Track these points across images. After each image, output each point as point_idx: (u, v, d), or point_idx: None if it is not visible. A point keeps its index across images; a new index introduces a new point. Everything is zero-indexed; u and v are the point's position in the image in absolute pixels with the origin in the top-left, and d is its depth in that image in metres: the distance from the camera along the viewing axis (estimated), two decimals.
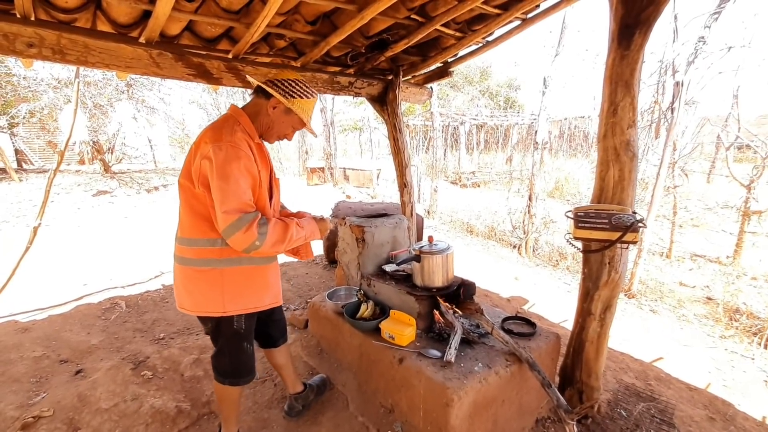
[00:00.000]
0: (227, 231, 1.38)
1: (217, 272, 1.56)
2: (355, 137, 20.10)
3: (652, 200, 4.32)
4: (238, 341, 1.68)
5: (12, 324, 3.18)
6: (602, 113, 1.90)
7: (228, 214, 1.37)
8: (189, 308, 1.61)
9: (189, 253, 1.57)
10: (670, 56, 4.08)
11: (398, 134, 3.32)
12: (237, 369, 1.73)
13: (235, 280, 1.59)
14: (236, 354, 1.70)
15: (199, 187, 1.48)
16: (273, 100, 1.57)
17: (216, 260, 1.55)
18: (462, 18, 2.55)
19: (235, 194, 1.38)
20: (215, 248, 1.54)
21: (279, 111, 1.59)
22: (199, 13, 2.00)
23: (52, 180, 3.32)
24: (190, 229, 1.56)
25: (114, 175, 10.15)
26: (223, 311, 1.58)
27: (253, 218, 1.39)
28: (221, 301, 1.57)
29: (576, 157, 13.87)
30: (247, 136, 1.51)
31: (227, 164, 1.39)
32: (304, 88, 1.61)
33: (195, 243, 1.55)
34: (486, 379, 1.80)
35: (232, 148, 1.41)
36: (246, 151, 1.45)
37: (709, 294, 4.51)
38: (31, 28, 1.76)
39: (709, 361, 3.17)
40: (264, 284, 1.69)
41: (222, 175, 1.38)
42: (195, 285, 1.58)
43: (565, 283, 4.93)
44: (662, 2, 1.70)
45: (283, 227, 1.49)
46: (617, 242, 1.78)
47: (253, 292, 1.65)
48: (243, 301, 1.62)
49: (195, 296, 1.59)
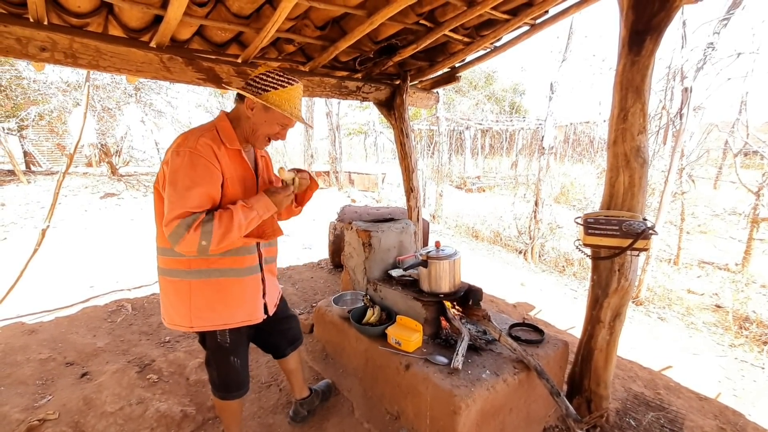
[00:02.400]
0: (171, 240, 1.30)
1: (185, 284, 1.47)
2: (360, 141, 20.17)
3: (660, 206, 4.29)
4: (223, 355, 1.62)
5: (19, 326, 3.19)
6: (612, 119, 1.88)
7: (169, 224, 1.29)
8: (165, 319, 1.56)
9: (162, 263, 1.52)
10: (679, 62, 4.06)
11: (405, 139, 3.32)
12: (225, 383, 1.67)
13: (203, 294, 1.48)
14: (223, 368, 1.64)
15: (164, 192, 1.40)
16: (248, 102, 1.45)
17: (184, 271, 1.47)
18: (470, 23, 2.55)
19: (179, 202, 1.29)
20: (183, 258, 1.45)
21: (257, 111, 1.46)
22: (209, 18, 2.01)
23: (61, 182, 3.35)
24: (161, 238, 1.49)
25: (121, 178, 10.22)
26: (190, 326, 1.50)
27: (193, 220, 1.28)
28: (188, 316, 1.49)
29: (582, 163, 13.82)
30: (216, 143, 1.40)
31: (179, 170, 1.32)
32: (277, 78, 1.44)
33: (166, 252, 1.49)
34: (494, 387, 1.78)
35: (189, 154, 1.33)
36: (207, 157, 1.35)
37: (717, 302, 4.46)
38: (44, 33, 1.78)
39: (719, 370, 3.12)
40: (236, 299, 1.55)
41: (171, 181, 1.32)
42: (166, 296, 1.53)
43: (572, 290, 4.89)
44: (673, 8, 1.69)
45: (227, 216, 1.34)
46: (628, 249, 1.76)
47: (224, 307, 1.52)
48: (211, 316, 1.50)
49: (166, 307, 1.54)
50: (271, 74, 1.45)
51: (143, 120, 9.70)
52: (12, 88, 9.15)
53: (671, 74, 4.33)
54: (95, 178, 9.95)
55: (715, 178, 11.06)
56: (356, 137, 20.78)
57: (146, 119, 9.93)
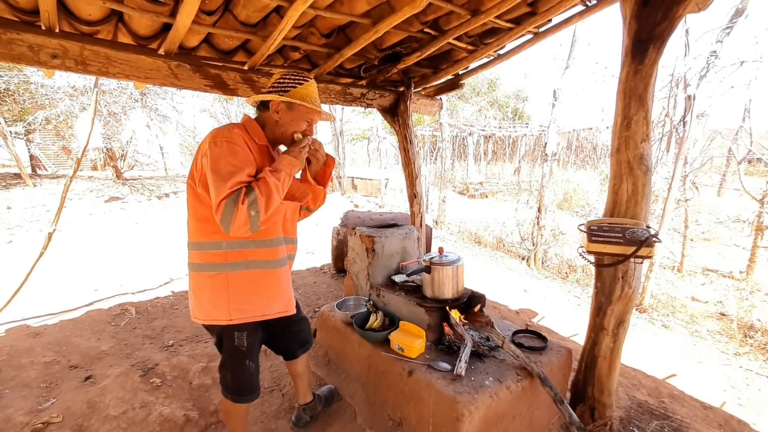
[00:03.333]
0: (224, 222, 1.33)
1: (223, 277, 1.51)
2: (363, 146, 20.22)
3: (664, 213, 4.28)
4: (240, 358, 1.64)
5: (24, 328, 3.21)
6: (615, 127, 1.89)
7: (218, 208, 1.32)
8: (198, 316, 1.58)
9: (197, 258, 1.55)
10: (682, 70, 4.07)
11: (409, 145, 3.34)
12: (238, 386, 1.69)
13: (241, 286, 1.53)
14: (238, 370, 1.66)
15: (199, 187, 1.47)
16: (273, 104, 1.54)
17: (222, 264, 1.51)
18: (474, 32, 2.57)
19: (224, 185, 1.34)
20: (220, 251, 1.51)
21: (283, 111, 1.55)
22: (217, 26, 2.05)
23: (68, 187, 3.38)
24: (195, 232, 1.55)
25: (126, 182, 10.29)
26: (229, 319, 1.53)
27: (237, 195, 1.33)
28: (227, 309, 1.52)
29: (585, 169, 13.81)
30: (248, 136, 1.50)
31: (220, 157, 1.38)
32: (294, 76, 1.55)
33: (201, 247, 1.54)
34: (497, 394, 1.78)
35: (227, 143, 1.40)
36: (242, 146, 1.43)
37: (722, 310, 4.43)
38: (56, 40, 1.81)
39: (724, 378, 3.10)
40: (273, 290, 1.62)
41: (214, 168, 1.37)
42: (202, 291, 1.55)
43: (575, 296, 4.87)
44: (676, 18, 1.70)
45: (263, 183, 1.39)
46: (631, 257, 1.76)
47: (262, 299, 1.58)
48: (250, 308, 1.56)
49: (203, 303, 1.56)
50: (288, 75, 1.56)
51: (149, 125, 9.78)
52: (20, 92, 9.26)
53: (674, 82, 4.34)
54: (100, 182, 10.02)
55: (718, 186, 11.02)
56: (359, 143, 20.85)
57: (151, 124, 10.01)
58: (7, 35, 1.70)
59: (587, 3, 2.31)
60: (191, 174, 1.51)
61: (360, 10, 2.05)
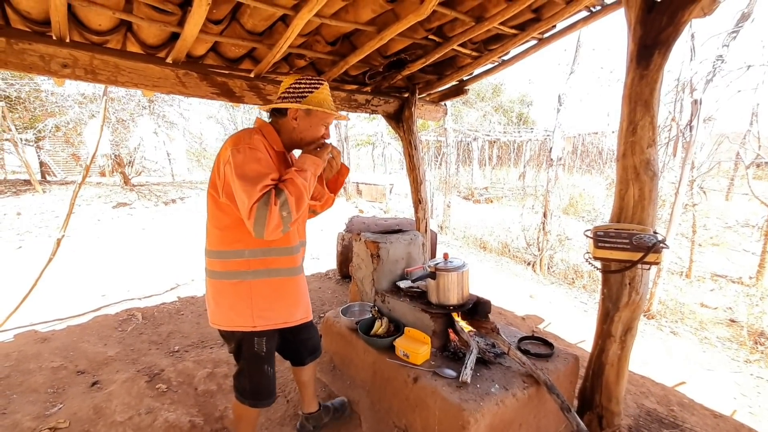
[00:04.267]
0: (257, 226, 1.33)
1: (246, 285, 1.54)
2: (368, 152, 20.29)
3: (671, 218, 4.24)
4: (259, 364, 1.65)
5: (32, 334, 3.24)
6: (621, 132, 1.89)
7: (250, 213, 1.33)
8: (220, 323, 1.59)
9: (218, 266, 1.56)
10: (688, 74, 4.06)
11: (413, 151, 3.35)
12: (257, 391, 1.70)
13: (263, 294, 1.56)
14: (257, 376, 1.67)
15: (223, 197, 1.47)
16: (290, 112, 1.55)
17: (244, 272, 1.54)
18: (479, 38, 2.59)
19: (253, 189, 1.34)
20: (242, 260, 1.53)
21: (301, 117, 1.56)
22: (224, 35, 2.08)
23: (77, 193, 3.42)
24: (216, 242, 1.56)
25: (133, 188, 10.40)
26: (252, 326, 1.55)
27: (267, 197, 1.34)
28: (250, 315, 1.55)
29: (590, 173, 13.74)
30: (267, 142, 1.52)
31: (245, 164, 1.39)
32: (309, 82, 1.56)
33: (222, 255, 1.55)
34: (503, 402, 1.76)
35: (249, 150, 1.41)
36: (264, 152, 1.45)
37: (732, 316, 4.37)
38: (66, 50, 1.84)
39: (734, 386, 3.05)
40: (294, 297, 1.66)
41: (240, 175, 1.37)
42: (224, 298, 1.57)
43: (582, 302, 4.83)
44: (681, 23, 1.70)
45: (290, 183, 1.40)
46: (638, 263, 1.74)
47: (284, 306, 1.62)
48: (273, 315, 1.59)
49: (224, 310, 1.57)
50: (303, 81, 1.55)
51: (156, 131, 9.90)
52: (30, 100, 9.41)
53: (680, 86, 4.32)
54: (108, 188, 10.14)
55: (727, 190, 10.90)
56: (364, 148, 20.93)
57: (159, 131, 10.13)
58: (19, 45, 1.74)
59: (591, 9, 2.32)
60: (213, 183, 1.51)
61: (365, 18, 2.07)
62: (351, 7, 2.01)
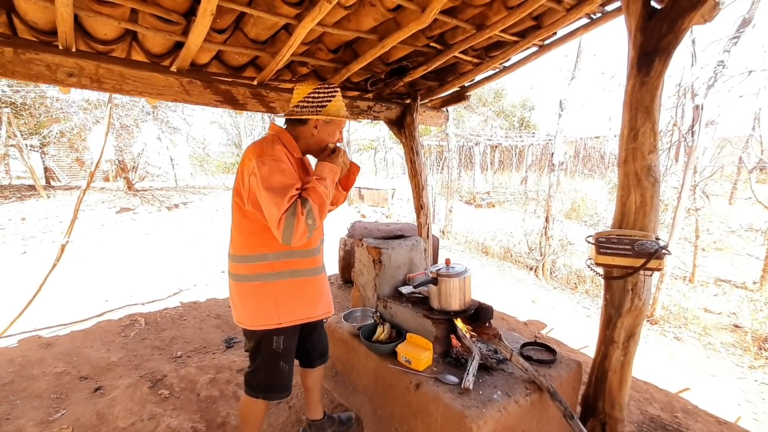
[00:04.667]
0: (286, 235, 1.42)
1: (270, 286, 1.63)
2: (370, 156, 20.34)
3: (674, 223, 4.23)
4: (275, 360, 1.71)
5: (36, 339, 3.26)
6: (622, 138, 1.89)
7: (279, 223, 1.41)
8: (246, 322, 1.67)
9: (243, 270, 1.64)
10: (689, 80, 4.06)
11: (415, 156, 3.36)
12: (272, 384, 1.75)
13: (288, 293, 1.65)
14: (272, 372, 1.73)
15: (248, 205, 1.55)
16: (311, 122, 1.64)
17: (268, 274, 1.62)
18: (480, 45, 2.61)
19: (281, 200, 1.42)
20: (267, 263, 1.61)
21: (322, 127, 1.66)
22: (228, 44, 2.10)
23: (82, 199, 3.45)
24: (242, 247, 1.64)
25: (136, 193, 10.45)
26: (278, 323, 1.64)
27: (294, 207, 1.43)
28: (276, 313, 1.63)
29: (592, 178, 13.73)
30: (287, 151, 1.59)
31: (271, 176, 1.46)
32: (326, 91, 1.63)
33: (247, 259, 1.63)
34: (505, 408, 1.76)
35: (274, 161, 1.49)
36: (287, 162, 1.53)
37: (735, 321, 4.34)
38: (72, 59, 1.87)
39: (739, 392, 3.03)
40: (317, 294, 1.76)
41: (268, 187, 1.44)
42: (250, 299, 1.64)
43: (585, 308, 4.81)
44: (681, 31, 1.71)
45: (313, 192, 1.51)
46: (640, 269, 1.74)
47: (307, 303, 1.72)
48: (297, 312, 1.68)
49: (250, 310, 1.65)
50: (320, 91, 1.63)
51: (159, 137, 9.96)
52: (35, 106, 9.50)
53: (682, 91, 4.33)
54: (112, 193, 10.19)
55: (730, 194, 10.87)
56: (366, 153, 20.98)
57: (162, 136, 10.19)
58: (26, 55, 1.77)
59: (592, 16, 2.33)
60: (237, 192, 1.59)
61: (367, 26, 2.10)
62: (353, 15, 2.04)
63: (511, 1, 2.04)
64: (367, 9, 1.96)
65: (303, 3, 1.80)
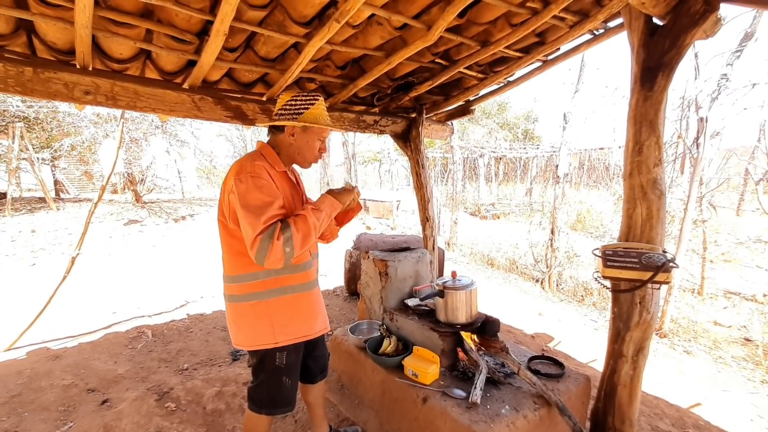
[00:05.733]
0: (259, 257, 1.39)
1: (264, 304, 1.59)
2: (375, 168, 20.44)
3: (681, 235, 4.21)
4: (278, 376, 1.69)
5: (44, 351, 3.28)
6: (627, 152, 1.91)
7: (254, 244, 1.39)
8: (243, 344, 1.64)
9: (235, 290, 1.61)
10: (693, 93, 4.09)
11: (421, 169, 3.39)
12: (274, 400, 1.72)
13: (282, 310, 1.61)
14: (274, 387, 1.71)
15: (231, 223, 1.53)
16: (288, 129, 1.60)
17: (261, 293, 1.59)
18: (484, 61, 2.65)
19: (256, 220, 1.40)
20: (258, 281, 1.58)
21: (298, 134, 1.61)
22: (238, 62, 2.16)
23: (93, 212, 3.50)
24: (231, 267, 1.61)
25: (144, 205, 10.57)
26: (275, 342, 1.60)
27: (273, 231, 1.39)
28: (271, 333, 1.60)
29: (598, 189, 13.70)
30: (268, 165, 1.56)
31: (248, 193, 1.44)
32: (304, 99, 1.60)
33: (238, 279, 1.60)
34: (514, 423, 1.75)
35: (251, 178, 1.46)
36: (266, 178, 1.49)
37: (746, 334, 4.28)
38: (89, 78, 1.93)
39: (751, 408, 2.97)
40: (311, 311, 1.72)
41: (244, 205, 1.42)
42: (245, 320, 1.62)
43: (592, 320, 4.77)
44: (684, 46, 1.74)
45: (302, 221, 1.46)
46: (648, 282, 1.74)
47: (303, 320, 1.67)
48: (293, 330, 1.64)
49: (246, 331, 1.62)
50: (297, 98, 1.60)
51: (168, 150, 10.11)
52: (48, 121, 9.70)
53: (686, 104, 4.35)
54: (120, 205, 10.31)
55: (737, 205, 10.78)
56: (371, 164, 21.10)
57: (171, 149, 10.34)
58: (45, 74, 1.83)
59: (594, 32, 2.37)
60: (221, 211, 1.57)
61: (374, 44, 2.15)
62: (361, 34, 2.09)
63: (515, 19, 2.09)
64: (375, 27, 2.01)
65: (312, 22, 1.85)
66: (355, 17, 1.84)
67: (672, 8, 1.71)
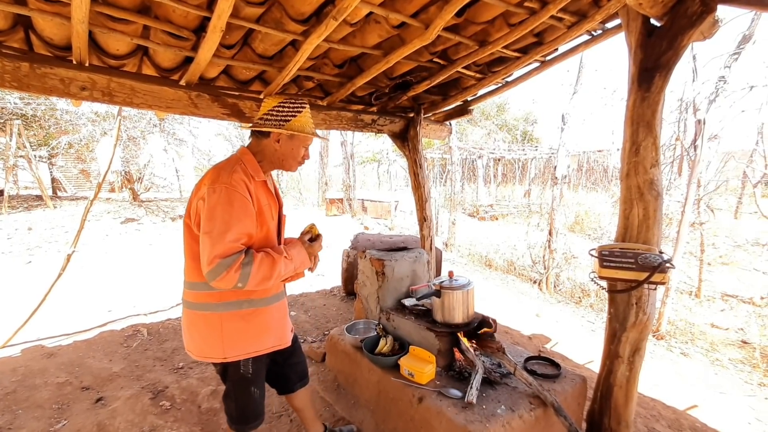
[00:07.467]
0: (210, 276, 1.35)
1: (216, 317, 1.52)
2: (374, 169, 20.43)
3: (678, 237, 4.22)
4: (245, 385, 1.62)
5: (39, 349, 3.26)
6: (624, 153, 1.91)
7: (211, 262, 1.33)
8: (193, 352, 1.59)
9: (191, 297, 1.56)
10: (691, 95, 4.10)
11: (419, 169, 3.39)
12: (243, 414, 1.66)
13: (234, 325, 1.53)
14: (243, 398, 1.64)
15: (196, 229, 1.46)
16: (273, 136, 1.56)
17: (214, 304, 1.52)
18: (482, 61, 2.65)
19: (219, 238, 1.35)
20: (215, 292, 1.49)
21: (284, 141, 1.58)
22: (236, 59, 2.15)
23: (89, 210, 3.49)
24: (190, 272, 1.54)
25: (141, 204, 10.54)
26: (223, 357, 1.53)
27: (233, 261, 1.34)
28: (221, 347, 1.52)
29: (596, 191, 13.73)
30: (247, 176, 1.49)
31: (217, 206, 1.38)
32: (291, 106, 1.56)
33: (195, 287, 1.53)
34: (509, 423, 1.74)
35: (225, 189, 1.39)
36: (242, 192, 1.43)
37: (743, 337, 4.28)
38: (85, 73, 1.92)
39: (748, 410, 2.97)
40: (265, 326, 1.62)
41: (210, 217, 1.37)
42: (196, 329, 1.56)
43: (589, 322, 4.77)
44: (681, 47, 1.74)
45: (269, 264, 1.42)
46: (644, 283, 1.74)
47: (254, 335, 1.58)
48: (243, 345, 1.55)
49: (196, 341, 1.57)
50: (285, 105, 1.56)
51: (166, 149, 10.09)
52: (45, 118, 9.67)
53: (684, 106, 4.36)
54: (117, 204, 10.28)
55: (735, 208, 10.82)
56: (369, 165, 21.09)
57: (168, 148, 10.32)
58: (42, 70, 1.82)
59: (592, 33, 2.38)
60: (188, 213, 1.50)
61: (372, 42, 2.14)
62: (358, 32, 2.09)
63: (513, 19, 2.09)
64: (373, 26, 2.01)
65: (310, 20, 1.84)
66: (352, 15, 1.84)
67: (669, 9, 1.71)
